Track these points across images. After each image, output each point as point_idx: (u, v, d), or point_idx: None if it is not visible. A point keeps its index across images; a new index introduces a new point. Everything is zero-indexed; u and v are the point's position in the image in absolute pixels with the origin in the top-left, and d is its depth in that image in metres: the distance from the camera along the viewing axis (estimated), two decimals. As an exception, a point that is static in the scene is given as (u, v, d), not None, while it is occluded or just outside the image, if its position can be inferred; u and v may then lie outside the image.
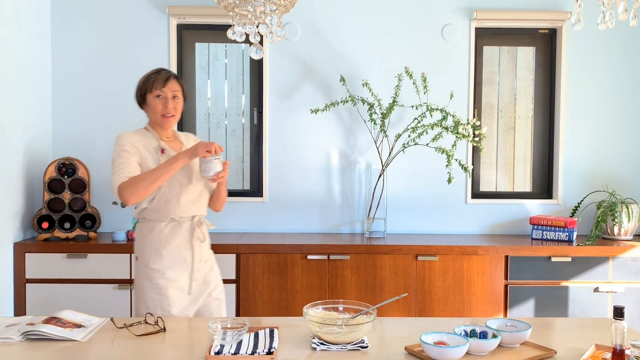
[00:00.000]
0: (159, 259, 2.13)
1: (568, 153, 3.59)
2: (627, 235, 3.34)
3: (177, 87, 2.21)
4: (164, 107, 2.18)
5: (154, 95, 2.18)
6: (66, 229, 3.17)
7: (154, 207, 2.14)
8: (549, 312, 3.09)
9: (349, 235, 3.47)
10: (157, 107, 2.18)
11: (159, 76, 2.19)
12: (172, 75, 2.23)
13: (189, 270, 2.16)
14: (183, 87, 2.25)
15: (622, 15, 1.55)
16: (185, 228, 2.17)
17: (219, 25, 3.50)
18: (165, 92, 2.18)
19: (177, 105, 2.22)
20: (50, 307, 2.88)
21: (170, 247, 2.14)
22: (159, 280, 2.12)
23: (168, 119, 2.20)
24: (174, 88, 2.20)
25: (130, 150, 2.12)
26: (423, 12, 3.53)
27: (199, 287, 2.19)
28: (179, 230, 2.16)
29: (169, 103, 2.18)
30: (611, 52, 3.56)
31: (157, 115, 2.19)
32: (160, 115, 2.19)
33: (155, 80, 2.18)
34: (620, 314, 1.44)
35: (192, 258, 2.17)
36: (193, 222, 2.19)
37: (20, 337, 1.66)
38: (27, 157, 3.17)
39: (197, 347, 1.64)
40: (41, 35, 3.36)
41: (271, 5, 2.07)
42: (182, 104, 2.26)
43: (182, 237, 2.16)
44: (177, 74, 2.28)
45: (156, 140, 2.20)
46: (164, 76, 2.19)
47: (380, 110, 3.35)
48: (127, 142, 2.14)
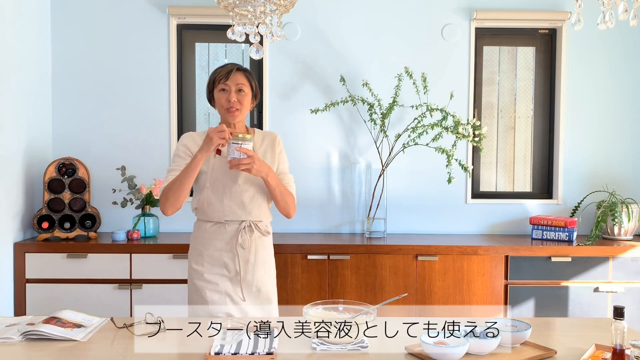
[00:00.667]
0: (200, 259, 2.10)
1: (568, 153, 3.59)
2: (627, 235, 3.34)
3: (242, 80, 2.09)
4: (227, 101, 2.07)
5: (218, 90, 2.09)
6: (66, 229, 3.17)
7: (199, 207, 2.10)
8: (549, 312, 3.08)
9: (349, 235, 3.47)
10: (221, 101, 2.09)
11: (223, 69, 2.10)
12: (237, 67, 2.11)
13: (231, 276, 2.08)
14: (251, 80, 2.13)
15: (622, 15, 1.55)
16: (230, 232, 2.08)
17: (219, 25, 3.50)
18: (229, 85, 2.07)
19: (243, 100, 2.09)
20: (50, 307, 2.87)
21: (211, 250, 2.09)
22: (197, 282, 2.09)
23: (233, 113, 2.08)
24: (239, 81, 2.08)
25: (182, 155, 2.08)
26: (423, 12, 3.53)
27: (253, 298, 2.09)
28: (222, 233, 2.08)
29: (232, 96, 2.06)
30: (611, 52, 3.56)
31: (222, 109, 2.10)
32: (225, 109, 2.09)
33: (219, 74, 2.09)
34: (620, 314, 1.44)
35: (234, 264, 2.08)
36: (240, 226, 2.09)
37: (20, 337, 1.66)
38: (27, 157, 3.17)
39: (197, 347, 1.63)
40: (41, 35, 3.36)
41: (271, 5, 2.07)
42: (250, 98, 2.13)
43: (224, 241, 2.08)
44: (245, 67, 2.15)
45: None
46: (228, 68, 2.09)
47: (380, 110, 3.35)
48: (183, 145, 2.10)
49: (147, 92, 3.48)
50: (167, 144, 3.49)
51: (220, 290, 2.07)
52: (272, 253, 2.23)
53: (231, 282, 2.08)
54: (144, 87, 3.48)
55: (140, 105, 3.48)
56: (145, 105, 3.48)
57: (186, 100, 3.58)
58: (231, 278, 2.09)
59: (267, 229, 2.17)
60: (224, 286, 2.07)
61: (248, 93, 2.11)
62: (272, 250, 2.23)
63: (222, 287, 2.07)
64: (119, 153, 3.46)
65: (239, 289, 2.08)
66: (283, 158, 2.23)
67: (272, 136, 2.23)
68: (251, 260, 2.10)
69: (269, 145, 2.19)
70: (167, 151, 3.49)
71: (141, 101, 3.48)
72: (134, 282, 3.02)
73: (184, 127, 3.56)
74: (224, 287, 2.07)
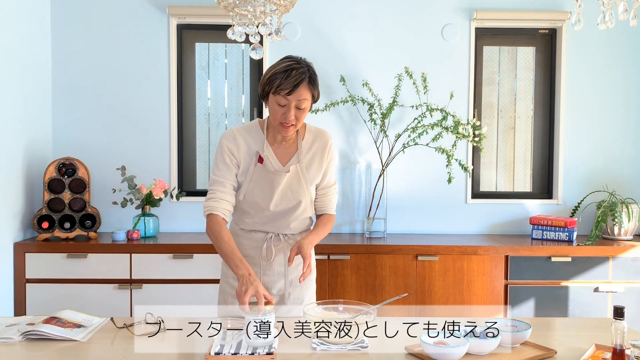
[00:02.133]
0: None
1: (568, 153, 3.59)
2: (627, 235, 3.34)
3: (306, 95, 1.84)
4: (284, 116, 1.85)
5: (275, 100, 1.85)
6: (66, 229, 3.17)
7: (235, 212, 2.03)
8: (549, 312, 3.08)
9: (349, 235, 3.47)
10: (277, 115, 1.86)
11: (289, 80, 1.80)
12: (303, 80, 1.83)
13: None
14: (313, 91, 1.89)
15: (622, 15, 1.55)
16: (258, 240, 1.99)
17: (219, 25, 3.50)
18: (290, 101, 1.83)
19: (301, 116, 1.87)
20: (50, 307, 2.87)
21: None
22: (224, 284, 2.05)
23: (287, 129, 1.88)
24: (302, 96, 1.83)
25: (227, 162, 1.93)
26: (423, 12, 3.53)
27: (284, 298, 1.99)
28: (249, 238, 2.00)
29: (290, 114, 1.84)
30: (611, 52, 3.56)
31: (275, 120, 1.89)
32: (279, 122, 1.88)
33: (282, 85, 1.81)
34: (620, 314, 1.44)
35: (259, 273, 1.98)
36: (267, 236, 1.99)
37: (20, 337, 1.66)
38: (27, 157, 3.17)
39: (197, 347, 1.63)
40: (41, 35, 3.36)
41: (271, 5, 2.07)
42: (308, 111, 1.91)
43: (250, 247, 2.00)
44: (311, 76, 1.87)
45: (260, 141, 1.95)
46: (294, 80, 1.80)
47: (380, 110, 3.35)
48: (227, 150, 1.93)
49: (147, 92, 3.48)
50: (167, 144, 3.49)
51: None
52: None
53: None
54: (144, 87, 3.48)
55: (140, 105, 3.48)
56: (146, 105, 3.48)
57: (186, 100, 3.58)
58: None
59: (297, 239, 2.01)
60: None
61: (307, 107, 1.88)
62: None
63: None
64: (119, 153, 3.46)
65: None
66: (332, 167, 2.03)
67: (324, 138, 2.01)
68: (276, 271, 2.01)
69: (318, 149, 2.00)
70: (167, 151, 3.49)
71: (141, 101, 3.48)
72: (134, 282, 3.02)
73: (184, 127, 3.56)
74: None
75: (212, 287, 2.99)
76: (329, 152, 2.01)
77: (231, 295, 2.01)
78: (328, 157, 2.01)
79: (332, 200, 2.08)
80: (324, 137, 2.02)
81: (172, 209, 3.49)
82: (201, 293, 3.01)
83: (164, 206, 3.46)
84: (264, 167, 1.93)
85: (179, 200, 3.44)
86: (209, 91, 3.61)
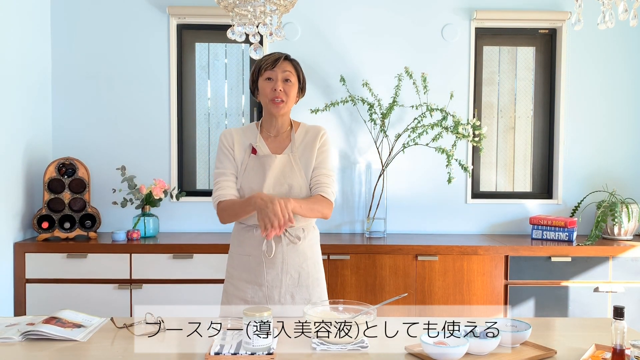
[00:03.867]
0: (231, 261, 2.04)
1: (568, 153, 3.59)
2: (627, 235, 3.34)
3: (289, 69, 1.97)
4: (272, 90, 1.95)
5: (264, 78, 1.97)
6: (66, 229, 3.17)
7: None
8: (549, 312, 3.08)
9: (349, 235, 3.47)
10: (266, 90, 1.96)
11: (270, 57, 1.97)
12: (285, 55, 1.99)
13: (256, 285, 1.97)
14: (298, 70, 2.01)
15: (622, 15, 1.55)
16: (258, 236, 1.96)
17: (219, 25, 3.50)
18: (276, 73, 1.95)
19: (289, 90, 1.97)
20: (50, 307, 2.87)
21: (239, 253, 2.02)
22: (228, 285, 2.04)
23: (278, 105, 1.95)
24: (286, 69, 1.96)
25: (226, 154, 2.00)
26: (423, 12, 3.53)
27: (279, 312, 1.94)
28: (250, 237, 1.99)
29: (278, 85, 1.94)
30: (611, 52, 3.56)
31: (266, 100, 1.97)
32: (269, 99, 1.96)
33: (265, 62, 1.97)
34: (620, 314, 1.44)
35: (263, 272, 1.96)
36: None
37: (20, 337, 1.66)
38: (27, 157, 3.17)
39: (197, 347, 1.63)
40: (41, 35, 3.36)
41: (271, 5, 2.07)
42: (296, 90, 2.01)
43: (251, 246, 1.98)
44: (291, 56, 2.03)
45: (254, 136, 2.02)
46: (275, 56, 1.97)
47: (380, 110, 3.35)
48: (223, 145, 2.01)
49: (147, 91, 3.48)
50: (167, 144, 3.49)
51: (244, 298, 2.00)
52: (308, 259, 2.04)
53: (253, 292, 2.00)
54: (144, 87, 3.48)
55: (140, 105, 3.48)
56: (145, 105, 3.48)
57: (186, 100, 3.58)
58: (253, 287, 2.00)
59: (298, 234, 2.00)
60: (248, 294, 1.99)
61: (295, 84, 1.99)
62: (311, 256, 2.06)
63: (246, 294, 1.99)
64: (119, 153, 3.46)
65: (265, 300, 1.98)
66: (323, 155, 2.04)
67: (315, 130, 2.06)
68: (277, 269, 1.98)
69: (310, 140, 2.04)
70: (167, 151, 3.49)
71: (141, 101, 3.48)
72: (134, 282, 3.02)
73: (184, 127, 3.56)
74: (247, 295, 1.99)
75: (212, 287, 2.99)
76: (321, 138, 2.04)
77: (235, 296, 2.01)
78: (320, 142, 2.03)
79: (326, 183, 2.01)
80: (317, 129, 2.07)
81: (172, 209, 3.49)
82: (201, 293, 3.01)
83: (164, 206, 3.47)
84: (257, 156, 2.00)
85: (178, 200, 3.44)
86: (209, 91, 3.61)
